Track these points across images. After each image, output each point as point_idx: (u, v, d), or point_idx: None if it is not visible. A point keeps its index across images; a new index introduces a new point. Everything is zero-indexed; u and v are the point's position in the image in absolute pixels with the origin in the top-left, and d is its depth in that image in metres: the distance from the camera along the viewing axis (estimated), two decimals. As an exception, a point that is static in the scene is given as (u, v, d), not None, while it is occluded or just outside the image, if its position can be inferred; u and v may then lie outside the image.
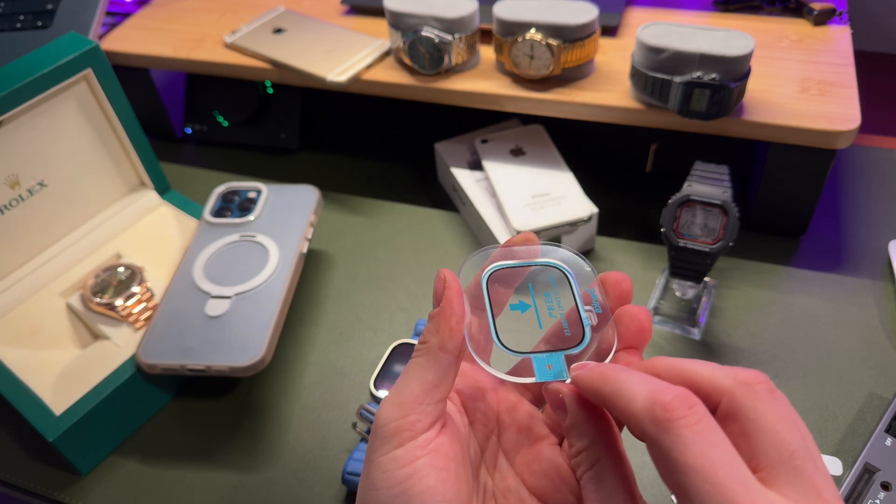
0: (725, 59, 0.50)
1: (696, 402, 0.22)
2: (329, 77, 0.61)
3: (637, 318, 0.29)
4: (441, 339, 0.28)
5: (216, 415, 0.51)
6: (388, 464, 0.27)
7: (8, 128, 0.51)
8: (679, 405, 0.22)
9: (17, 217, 0.53)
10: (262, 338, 0.48)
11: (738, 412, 0.23)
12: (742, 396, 0.23)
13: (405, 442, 0.27)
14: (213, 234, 0.56)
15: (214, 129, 0.75)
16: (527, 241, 0.32)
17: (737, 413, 0.23)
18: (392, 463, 0.27)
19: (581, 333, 0.30)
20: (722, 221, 0.49)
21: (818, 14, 0.63)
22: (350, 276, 0.60)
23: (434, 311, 0.29)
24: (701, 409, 0.22)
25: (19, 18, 0.71)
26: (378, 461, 0.27)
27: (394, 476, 0.26)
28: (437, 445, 0.27)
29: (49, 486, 0.48)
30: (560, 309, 0.31)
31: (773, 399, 0.23)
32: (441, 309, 0.29)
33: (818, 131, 0.52)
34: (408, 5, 0.59)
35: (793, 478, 0.22)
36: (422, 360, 0.28)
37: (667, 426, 0.22)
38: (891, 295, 0.55)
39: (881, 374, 0.50)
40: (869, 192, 0.64)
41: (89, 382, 0.48)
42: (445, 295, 0.29)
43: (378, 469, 0.27)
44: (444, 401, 0.28)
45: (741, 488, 0.21)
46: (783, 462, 0.22)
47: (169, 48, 0.68)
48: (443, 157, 0.65)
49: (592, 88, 0.58)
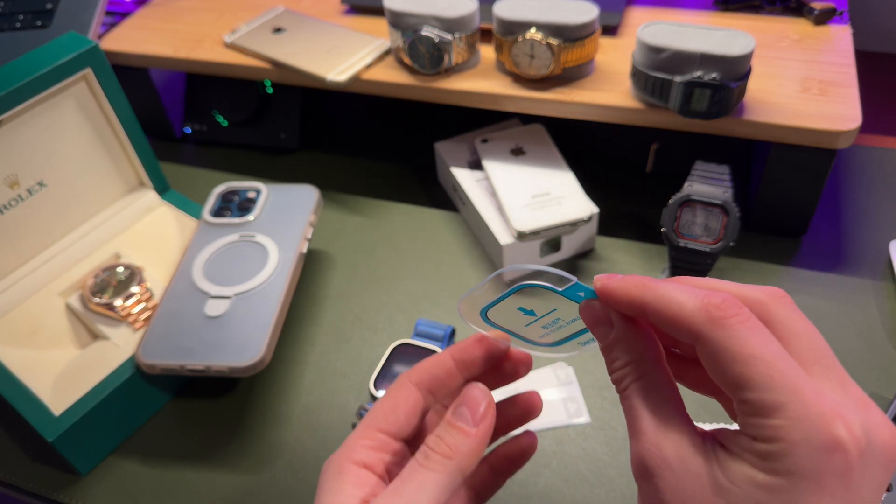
0: (726, 58, 0.50)
1: (742, 304, 0.24)
2: (329, 77, 0.60)
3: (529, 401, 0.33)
4: (469, 464, 0.28)
5: (216, 415, 0.51)
6: None
7: (7, 127, 0.51)
8: (731, 305, 0.24)
9: (17, 217, 0.53)
10: (262, 338, 0.48)
11: (773, 319, 0.25)
12: (775, 306, 0.25)
13: None
14: (213, 234, 0.56)
15: (214, 129, 0.75)
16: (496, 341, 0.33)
17: (771, 320, 0.25)
18: None
19: None
20: (722, 221, 0.49)
21: (819, 14, 0.63)
22: (350, 277, 0.60)
23: (467, 429, 0.29)
24: (748, 310, 0.24)
25: (18, 18, 0.70)
26: None
27: None
28: None
29: (48, 487, 0.48)
30: (555, 329, 0.31)
31: (799, 311, 0.26)
32: (479, 437, 0.29)
33: (819, 131, 0.52)
34: (408, 5, 0.59)
35: (825, 374, 0.24)
36: (441, 478, 0.28)
37: (723, 322, 0.23)
38: (891, 295, 0.55)
39: (882, 373, 0.50)
40: (870, 193, 0.64)
41: (89, 383, 0.48)
42: (483, 425, 0.29)
43: None
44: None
45: (799, 374, 0.23)
46: (816, 360, 0.24)
47: (168, 48, 0.68)
48: (443, 156, 0.65)
49: (593, 88, 0.58)
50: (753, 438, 0.23)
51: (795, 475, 0.22)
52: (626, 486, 0.45)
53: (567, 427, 0.49)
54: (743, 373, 0.23)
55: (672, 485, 0.24)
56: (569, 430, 0.48)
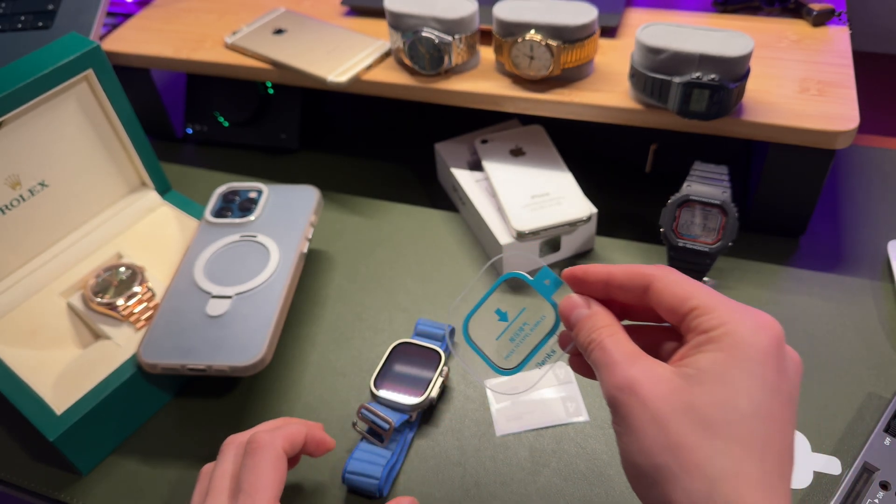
0: (725, 59, 0.50)
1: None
2: (329, 78, 0.61)
3: None
4: None
5: (217, 414, 0.51)
6: None
7: (9, 128, 0.51)
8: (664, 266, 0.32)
9: (18, 217, 0.54)
10: (263, 337, 0.48)
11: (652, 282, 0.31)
12: (652, 276, 0.31)
13: None
14: (214, 234, 0.56)
15: (215, 130, 0.75)
16: None
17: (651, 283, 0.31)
18: None
19: None
20: (721, 221, 0.49)
21: (817, 14, 0.63)
22: (350, 276, 0.61)
23: None
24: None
25: (20, 19, 0.71)
26: None
27: None
28: None
29: (50, 486, 0.48)
30: (521, 341, 0.36)
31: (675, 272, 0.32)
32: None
33: (817, 131, 0.52)
34: (408, 6, 0.59)
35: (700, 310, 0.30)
36: None
37: (669, 269, 0.32)
38: (890, 295, 0.55)
39: (880, 373, 0.50)
40: (868, 193, 0.64)
41: (90, 382, 0.49)
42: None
43: None
44: None
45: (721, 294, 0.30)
46: (687, 301, 0.30)
47: (169, 49, 0.69)
48: (443, 157, 0.65)
49: (592, 89, 0.58)
50: (703, 332, 0.29)
51: (740, 348, 0.28)
52: (625, 484, 0.45)
53: (566, 426, 0.49)
54: (689, 290, 0.30)
55: (648, 392, 0.28)
56: (568, 428, 0.49)
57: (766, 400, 0.27)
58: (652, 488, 0.27)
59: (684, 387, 0.28)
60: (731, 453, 0.26)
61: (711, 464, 0.26)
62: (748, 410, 0.27)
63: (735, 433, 0.26)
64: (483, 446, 0.48)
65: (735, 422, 0.27)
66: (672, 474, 0.26)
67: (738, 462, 0.26)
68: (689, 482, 0.26)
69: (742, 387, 0.27)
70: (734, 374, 0.27)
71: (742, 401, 0.27)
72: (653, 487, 0.27)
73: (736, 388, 0.27)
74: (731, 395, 0.27)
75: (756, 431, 0.27)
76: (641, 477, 0.28)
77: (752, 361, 0.27)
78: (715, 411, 0.27)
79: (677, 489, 0.26)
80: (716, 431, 0.26)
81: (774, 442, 0.27)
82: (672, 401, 0.27)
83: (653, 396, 0.28)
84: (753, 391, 0.27)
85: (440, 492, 0.46)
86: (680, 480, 0.26)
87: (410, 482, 0.47)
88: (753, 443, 0.26)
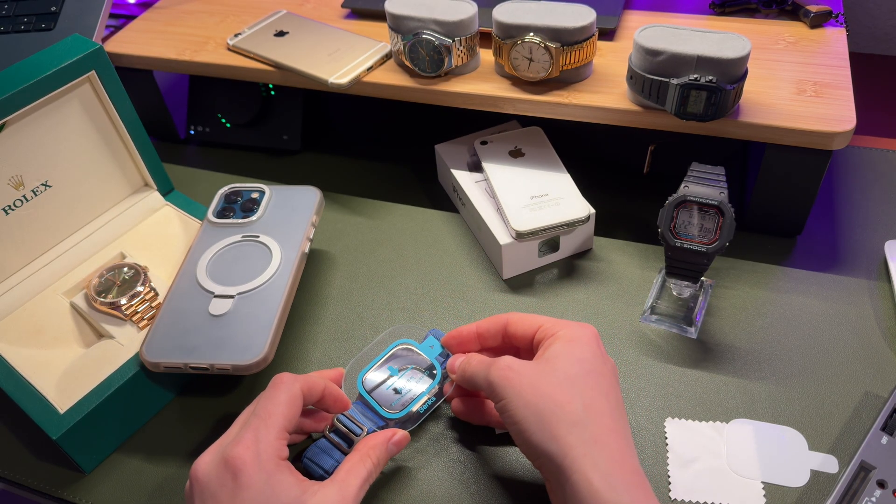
0: (722, 61, 0.50)
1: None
2: (331, 80, 0.61)
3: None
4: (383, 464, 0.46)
5: (219, 413, 0.52)
6: None
7: (12, 129, 0.51)
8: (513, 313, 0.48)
9: (22, 217, 0.54)
10: (265, 337, 0.48)
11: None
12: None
13: None
14: (217, 235, 0.57)
15: (217, 131, 0.75)
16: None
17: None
18: None
19: None
20: (718, 222, 0.50)
21: (814, 16, 0.63)
22: (351, 276, 0.61)
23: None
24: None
25: (23, 20, 0.71)
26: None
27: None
28: None
29: (53, 484, 0.49)
30: (408, 382, 0.48)
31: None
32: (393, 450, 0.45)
33: (814, 132, 0.52)
34: (408, 9, 0.59)
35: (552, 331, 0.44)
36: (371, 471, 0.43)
37: (518, 314, 0.47)
38: (886, 294, 0.56)
39: (877, 372, 0.50)
40: (865, 193, 0.65)
41: (93, 381, 0.49)
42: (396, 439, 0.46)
43: None
44: None
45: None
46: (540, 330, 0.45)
47: (172, 50, 0.69)
48: (443, 158, 0.66)
49: (590, 91, 0.58)
50: (550, 336, 0.44)
51: (574, 338, 0.43)
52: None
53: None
54: (535, 318, 0.45)
55: (521, 367, 0.42)
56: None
57: (598, 363, 0.42)
58: (539, 426, 0.39)
59: (544, 362, 0.42)
60: (584, 394, 0.40)
61: (573, 401, 0.39)
62: (587, 367, 0.41)
63: (584, 382, 0.41)
64: (483, 444, 0.49)
65: (581, 374, 0.41)
66: (550, 412, 0.39)
67: (591, 398, 0.40)
68: (563, 414, 0.39)
69: (579, 355, 0.42)
70: (573, 349, 0.42)
71: (582, 363, 0.41)
72: (539, 425, 0.39)
73: (576, 356, 0.42)
74: (574, 360, 0.42)
75: (596, 378, 0.41)
76: (528, 423, 0.39)
77: (582, 342, 0.43)
78: (568, 369, 0.41)
79: (554, 419, 0.39)
80: (572, 383, 0.40)
81: (608, 386, 0.41)
82: (538, 369, 0.41)
83: (526, 371, 0.41)
84: (586, 356, 0.42)
85: (440, 489, 0.46)
86: (555, 414, 0.39)
87: (411, 479, 0.47)
88: (598, 386, 0.41)
